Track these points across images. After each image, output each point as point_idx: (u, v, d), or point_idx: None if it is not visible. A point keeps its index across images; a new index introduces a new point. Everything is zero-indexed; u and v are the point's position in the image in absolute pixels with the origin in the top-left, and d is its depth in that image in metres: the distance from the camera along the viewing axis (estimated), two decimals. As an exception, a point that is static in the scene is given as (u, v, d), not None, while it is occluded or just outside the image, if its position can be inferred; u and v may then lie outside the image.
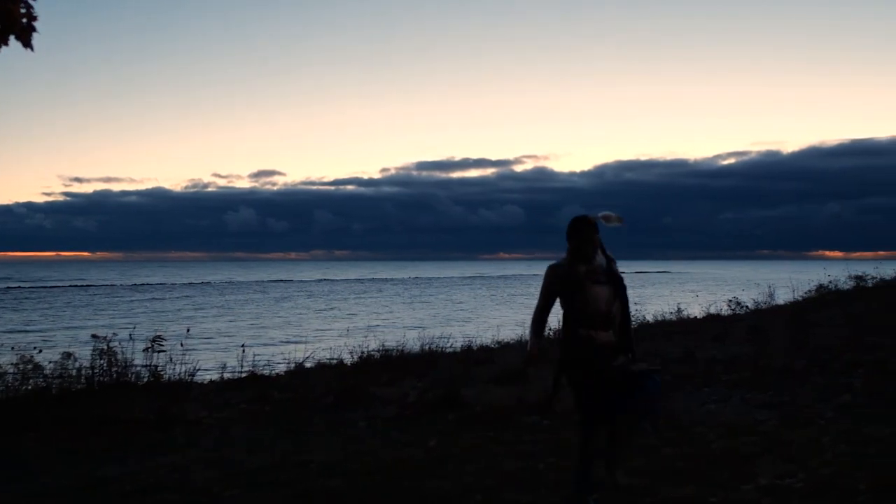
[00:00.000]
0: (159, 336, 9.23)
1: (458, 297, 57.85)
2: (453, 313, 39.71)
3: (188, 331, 12.58)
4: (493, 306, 45.37)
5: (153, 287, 76.46)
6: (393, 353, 11.18)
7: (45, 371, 8.42)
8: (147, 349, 8.98)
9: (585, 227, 4.30)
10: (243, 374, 10.30)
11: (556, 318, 4.50)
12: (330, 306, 46.44)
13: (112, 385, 8.47)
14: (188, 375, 9.25)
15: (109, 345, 8.78)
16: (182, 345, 9.70)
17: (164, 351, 9.12)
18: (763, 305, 17.75)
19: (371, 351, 11.38)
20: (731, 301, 18.16)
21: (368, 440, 6.56)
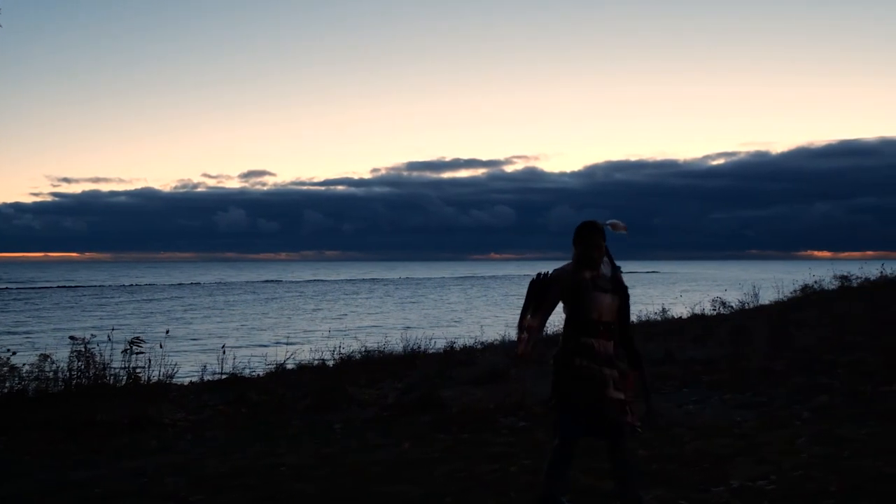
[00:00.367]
0: (137, 338, 9.13)
1: (450, 297, 57.81)
2: (444, 314, 39.65)
3: (167, 332, 12.45)
4: (484, 307, 45.33)
5: (142, 288, 76.15)
6: (374, 354, 11.11)
7: (21, 373, 8.32)
8: (125, 351, 8.88)
9: (593, 232, 4.19)
10: (224, 376, 10.19)
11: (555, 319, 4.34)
12: (320, 307, 46.32)
13: (89, 387, 8.37)
14: (167, 377, 9.14)
15: (87, 346, 8.69)
16: (161, 346, 9.58)
17: (143, 353, 9.02)
18: (748, 305, 17.75)
19: (353, 352, 11.29)
20: (715, 301, 18.15)
21: (343, 443, 6.49)
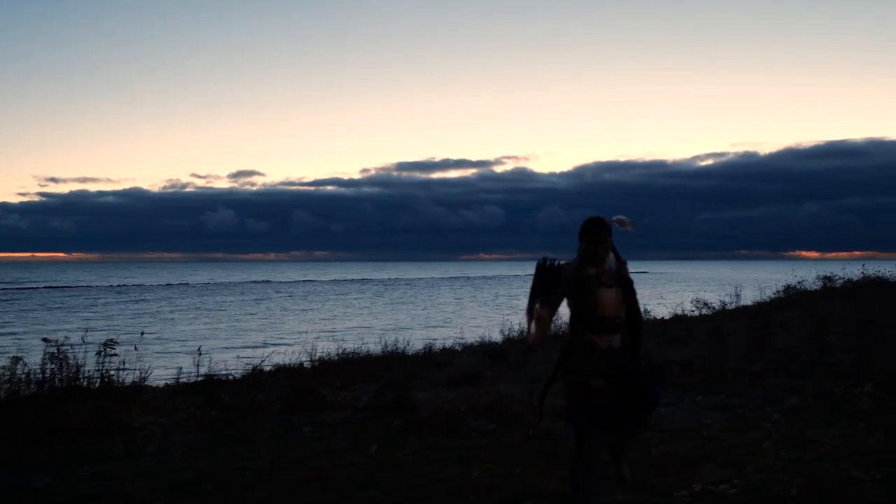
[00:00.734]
0: (111, 340, 9.06)
1: (441, 298, 57.67)
2: (434, 314, 39.57)
3: (142, 334, 12.35)
4: (475, 307, 45.25)
5: (131, 288, 75.75)
6: (351, 355, 11.05)
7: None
8: (99, 353, 8.80)
9: (599, 228, 4.19)
10: (200, 378, 10.12)
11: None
12: (309, 307, 46.15)
13: (62, 390, 8.29)
14: (140, 380, 9.07)
15: (60, 349, 8.61)
16: (136, 348, 9.50)
17: (117, 355, 8.95)
18: (729, 306, 17.79)
19: (330, 354, 11.22)
20: (696, 301, 18.16)
21: (311, 446, 6.43)
